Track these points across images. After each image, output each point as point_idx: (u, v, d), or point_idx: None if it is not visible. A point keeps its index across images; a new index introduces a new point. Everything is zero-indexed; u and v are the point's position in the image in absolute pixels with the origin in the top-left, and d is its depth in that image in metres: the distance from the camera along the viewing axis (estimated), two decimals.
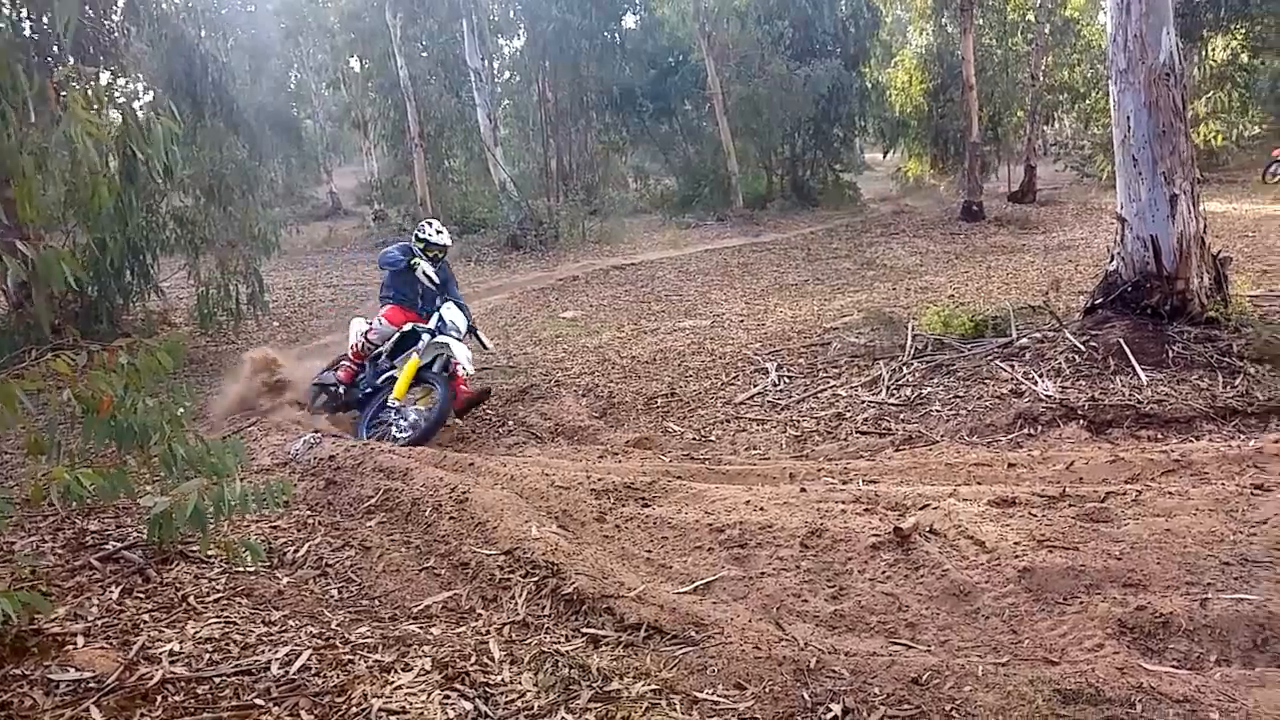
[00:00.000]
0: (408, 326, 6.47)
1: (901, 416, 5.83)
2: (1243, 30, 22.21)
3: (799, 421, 6.00)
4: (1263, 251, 10.73)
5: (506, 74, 26.74)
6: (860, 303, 10.13)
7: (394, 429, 5.90)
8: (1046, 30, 21.66)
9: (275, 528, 3.74)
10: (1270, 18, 21.63)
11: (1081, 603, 2.80)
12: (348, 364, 6.67)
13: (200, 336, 10.41)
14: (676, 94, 23.52)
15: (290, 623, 2.77)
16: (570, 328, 10.18)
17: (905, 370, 6.73)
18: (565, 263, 16.08)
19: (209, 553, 3.16)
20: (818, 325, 8.83)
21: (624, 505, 3.87)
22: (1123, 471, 4.34)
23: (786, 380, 6.96)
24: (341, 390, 6.67)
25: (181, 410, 2.90)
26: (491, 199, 19.45)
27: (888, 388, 6.40)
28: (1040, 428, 5.23)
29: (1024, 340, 6.82)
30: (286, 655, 2.49)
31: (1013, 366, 6.34)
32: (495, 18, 24.84)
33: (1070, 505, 3.58)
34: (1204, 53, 22.59)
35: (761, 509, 3.65)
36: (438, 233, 6.77)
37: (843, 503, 3.71)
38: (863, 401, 6.23)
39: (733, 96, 20.63)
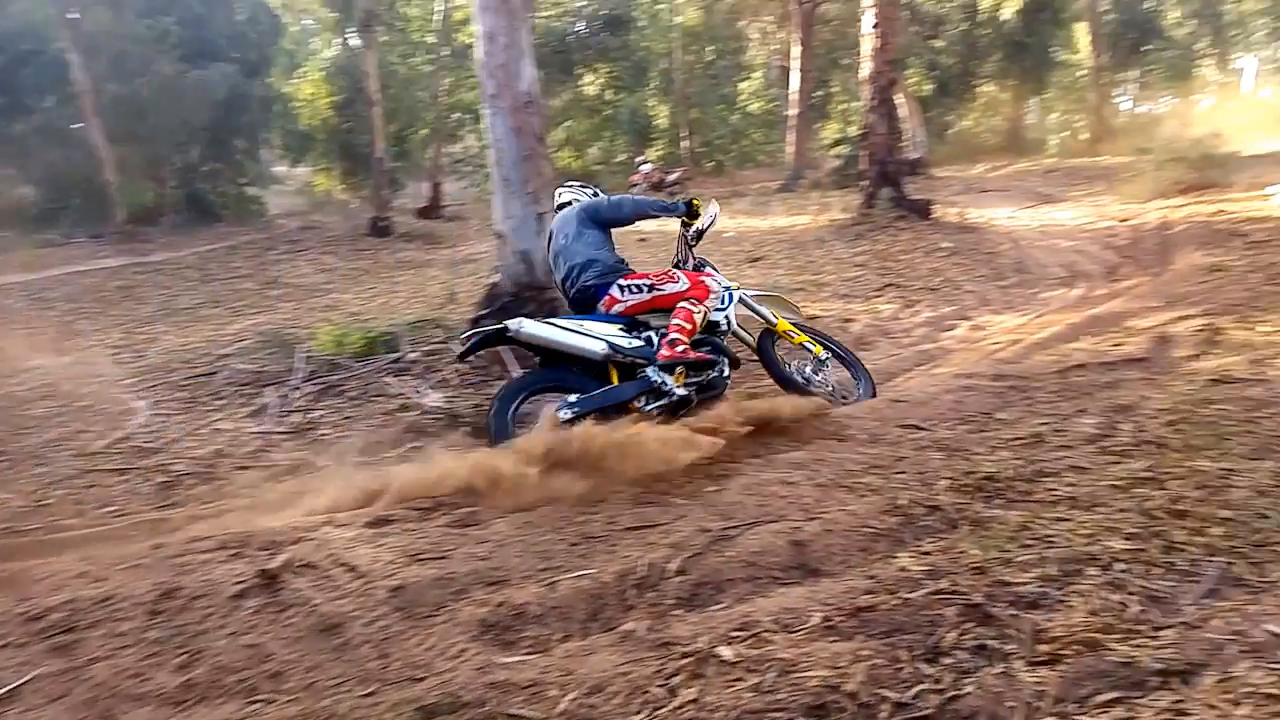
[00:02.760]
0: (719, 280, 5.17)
1: (287, 445, 5.50)
2: (606, 70, 26.48)
3: (170, 465, 5.27)
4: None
5: None
6: (260, 325, 9.46)
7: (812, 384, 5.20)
8: (447, 53, 22.93)
9: None
10: (626, 61, 26.18)
11: (449, 610, 2.81)
12: (685, 348, 4.73)
13: None
14: (33, 89, 19.68)
15: None
16: None
17: (296, 395, 6.40)
18: None
19: None
20: (209, 353, 7.99)
21: None
22: None
23: (161, 419, 6.11)
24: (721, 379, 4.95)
25: None
26: None
27: (276, 416, 6.01)
28: (427, 439, 5.35)
29: (415, 354, 6.97)
30: None
31: (403, 381, 6.45)
32: None
33: (444, 514, 3.63)
34: (578, 86, 26.45)
35: (100, 579, 3.06)
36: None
37: (206, 552, 3.28)
38: (248, 433, 5.74)
39: (109, 96, 18.02)
